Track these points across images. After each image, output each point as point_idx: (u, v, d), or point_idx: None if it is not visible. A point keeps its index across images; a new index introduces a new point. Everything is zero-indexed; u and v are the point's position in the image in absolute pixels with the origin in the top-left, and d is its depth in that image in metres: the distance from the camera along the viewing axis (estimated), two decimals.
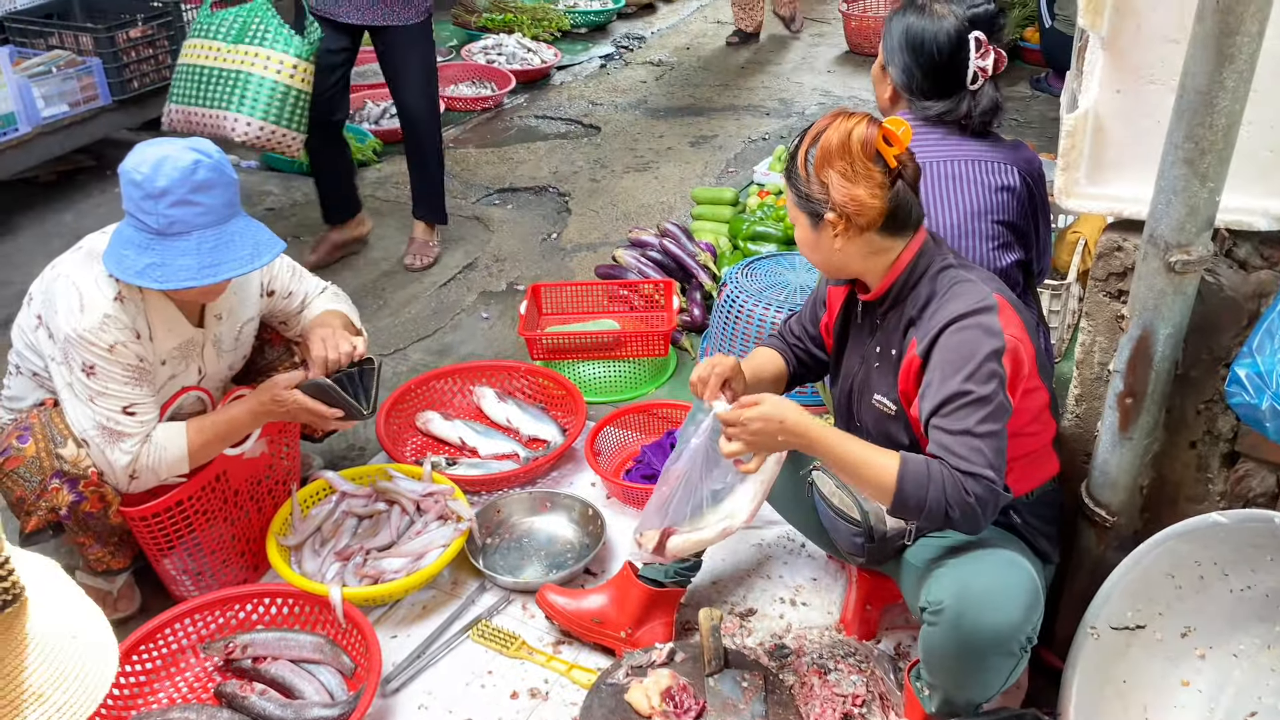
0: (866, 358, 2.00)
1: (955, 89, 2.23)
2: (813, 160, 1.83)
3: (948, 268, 1.87)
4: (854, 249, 1.86)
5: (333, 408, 2.24)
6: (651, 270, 3.65)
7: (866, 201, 1.80)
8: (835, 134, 1.81)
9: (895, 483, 1.74)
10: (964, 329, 1.78)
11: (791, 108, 5.63)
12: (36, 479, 2.13)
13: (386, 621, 2.37)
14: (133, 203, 2.01)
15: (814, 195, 1.83)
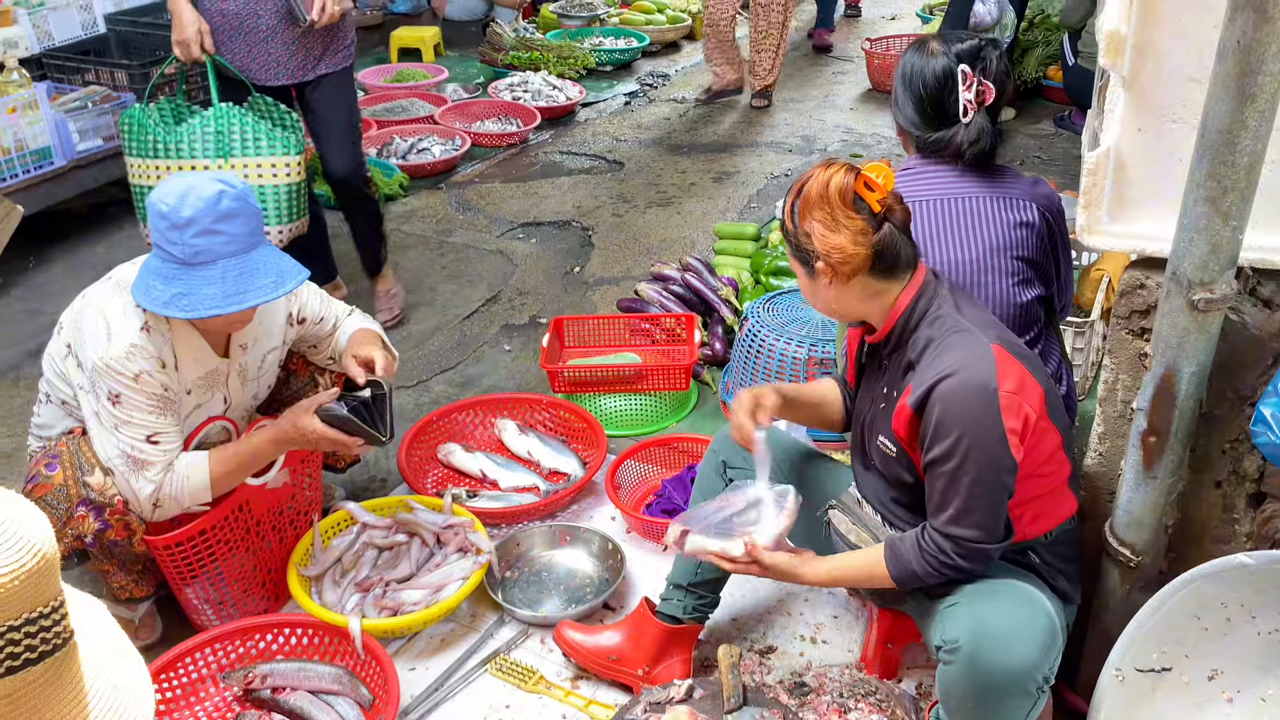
0: (875, 399, 2.01)
1: (947, 122, 2.26)
2: (796, 211, 1.87)
3: (946, 312, 1.87)
4: (849, 294, 1.89)
5: (352, 436, 2.25)
6: (673, 304, 3.66)
7: (849, 249, 1.82)
8: (815, 185, 1.84)
9: (889, 574, 1.90)
10: (957, 388, 1.77)
11: (814, 145, 5.66)
12: (63, 506, 2.15)
13: (405, 653, 2.37)
14: (159, 233, 2.05)
15: (802, 245, 1.87)
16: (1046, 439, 1.85)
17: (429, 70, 6.47)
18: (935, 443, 1.79)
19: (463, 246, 4.47)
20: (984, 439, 1.75)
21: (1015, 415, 1.77)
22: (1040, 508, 1.91)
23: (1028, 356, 1.87)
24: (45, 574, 0.92)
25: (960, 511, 1.79)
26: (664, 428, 3.22)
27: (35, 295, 3.95)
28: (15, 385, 3.42)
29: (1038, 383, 1.83)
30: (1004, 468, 1.77)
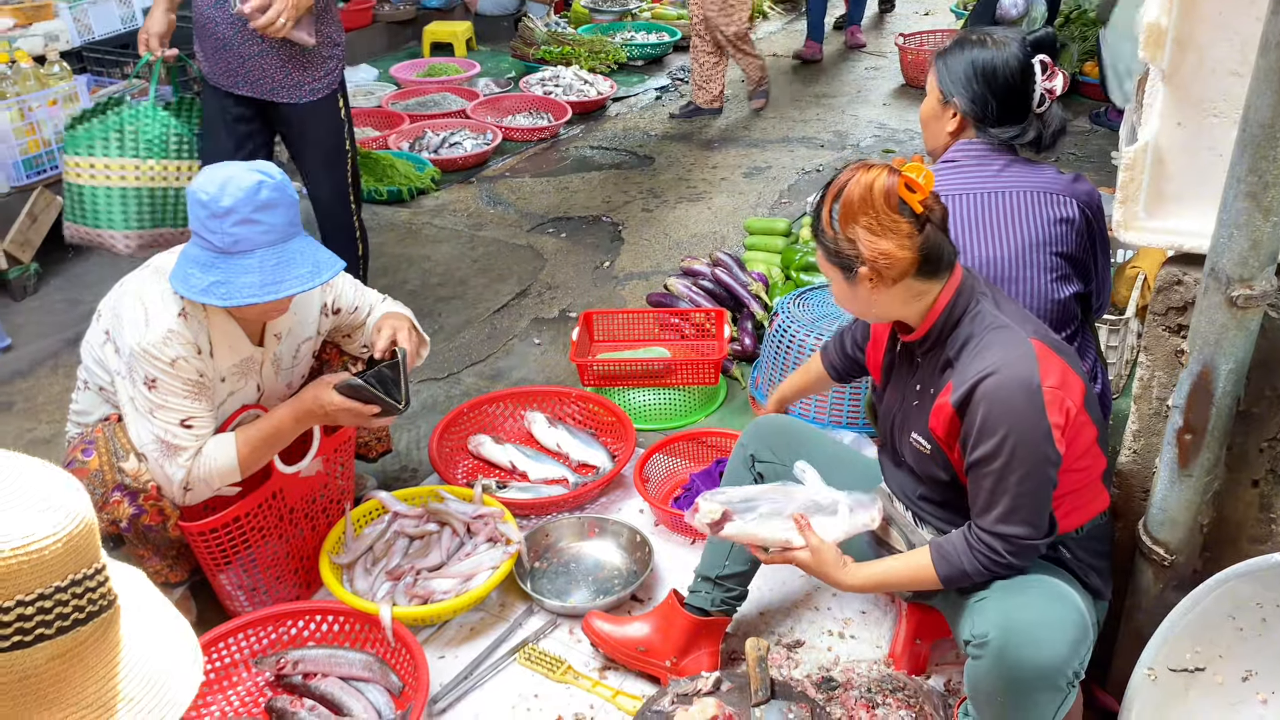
0: (906, 395, 2.00)
1: (1024, 113, 2.24)
2: (837, 217, 1.82)
3: (985, 309, 1.86)
4: (891, 297, 1.86)
5: (368, 404, 2.26)
6: (703, 299, 3.66)
7: (896, 254, 1.79)
8: (856, 188, 1.79)
9: (936, 575, 1.87)
10: (1001, 385, 1.76)
11: (846, 140, 5.63)
12: (99, 492, 2.18)
13: (435, 641, 2.39)
14: (199, 222, 2.07)
15: (843, 251, 1.83)
16: (1084, 433, 1.84)
17: (461, 65, 6.51)
18: (980, 442, 1.77)
19: (493, 240, 4.50)
20: (1030, 436, 1.74)
21: (1058, 410, 1.76)
22: (1074, 502, 1.89)
23: (1066, 351, 1.86)
24: (86, 537, 0.97)
25: (1009, 510, 1.78)
26: (692, 422, 3.22)
27: (74, 285, 4.01)
28: (54, 373, 3.48)
29: (1078, 376, 1.82)
30: (1050, 462, 1.76)
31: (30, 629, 0.93)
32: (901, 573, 1.93)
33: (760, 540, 1.95)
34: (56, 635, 0.94)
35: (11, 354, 3.58)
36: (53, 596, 0.93)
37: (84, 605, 0.96)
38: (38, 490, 0.96)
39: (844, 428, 3.01)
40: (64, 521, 0.94)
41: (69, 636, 0.96)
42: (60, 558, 0.93)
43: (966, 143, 2.29)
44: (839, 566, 1.93)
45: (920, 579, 1.90)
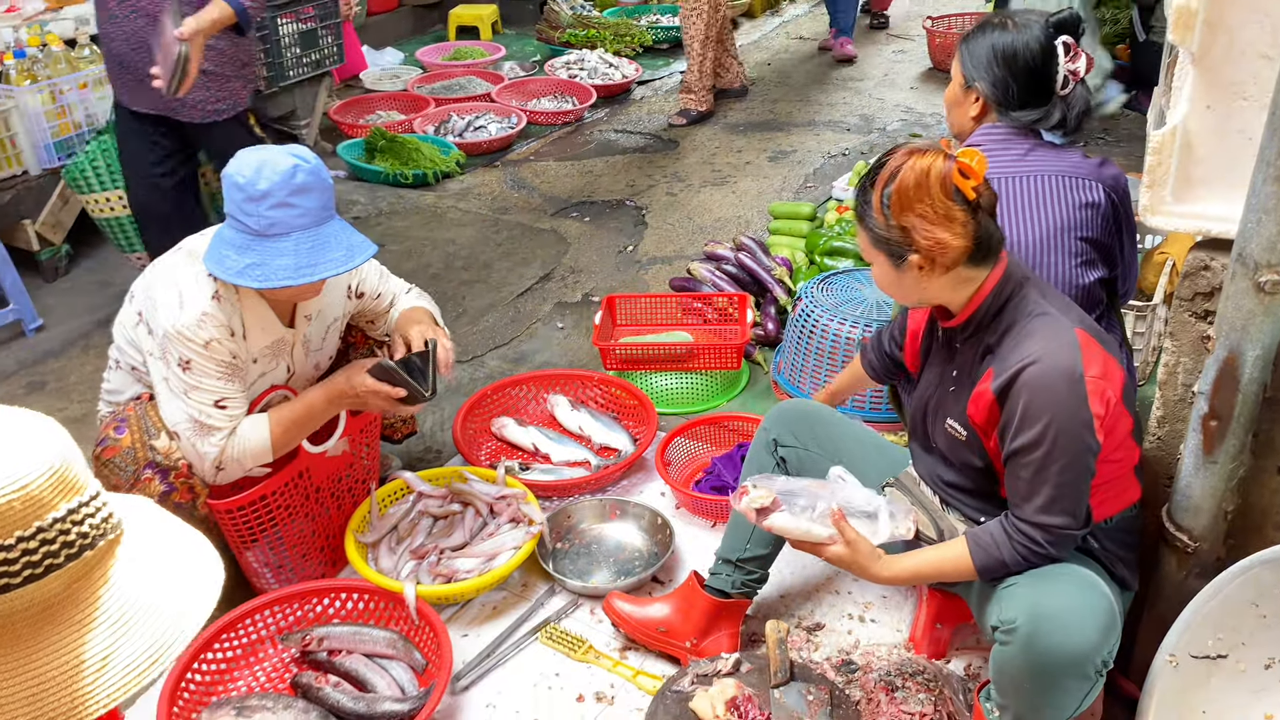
0: (943, 380, 1.99)
1: (1047, 96, 2.23)
2: (889, 204, 1.78)
3: (1028, 296, 1.84)
4: (940, 284, 1.84)
5: (395, 388, 2.29)
6: (726, 284, 3.66)
7: (951, 243, 1.77)
8: (912, 174, 1.76)
9: (973, 565, 1.86)
10: (1044, 374, 1.74)
11: (873, 124, 5.60)
12: (131, 469, 2.22)
13: (458, 620, 2.42)
14: (234, 205, 2.10)
15: (894, 239, 1.80)
16: (1121, 423, 1.83)
17: (486, 48, 6.52)
18: (1022, 431, 1.76)
19: (517, 224, 4.51)
20: (1071, 425, 1.73)
21: (1100, 400, 1.75)
22: (1107, 494, 1.88)
23: (1108, 340, 1.84)
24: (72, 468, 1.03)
25: (1050, 500, 1.77)
26: (714, 406, 3.22)
27: (104, 267, 4.07)
28: (86, 353, 3.53)
29: (1119, 366, 1.81)
30: (1090, 452, 1.76)
31: (38, 561, 0.98)
32: (937, 564, 1.91)
33: (800, 534, 1.92)
34: (66, 563, 1.00)
35: (43, 334, 3.63)
36: (52, 527, 0.99)
37: (87, 531, 1.02)
38: (15, 432, 1.01)
39: (865, 413, 3.01)
40: (45, 456, 1.00)
41: (79, 562, 1.01)
42: (50, 490, 0.99)
43: (990, 127, 2.28)
44: (874, 560, 1.90)
45: (956, 570, 1.88)
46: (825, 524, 1.90)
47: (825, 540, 1.90)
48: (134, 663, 1.01)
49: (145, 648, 1.03)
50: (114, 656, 1.01)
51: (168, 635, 1.05)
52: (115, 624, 1.02)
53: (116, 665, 1.01)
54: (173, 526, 1.18)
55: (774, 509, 1.93)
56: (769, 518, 1.93)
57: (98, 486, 1.06)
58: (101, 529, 1.04)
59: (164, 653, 1.03)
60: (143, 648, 1.03)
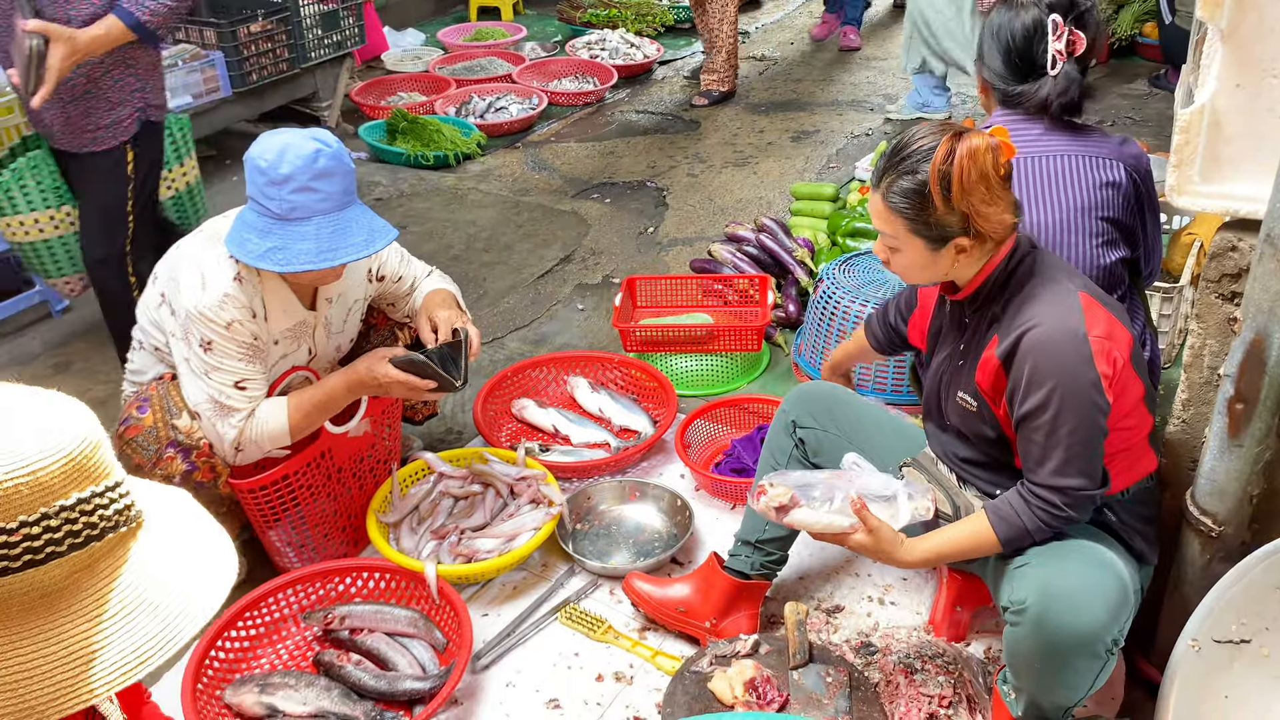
0: (953, 355, 1.99)
1: (1034, 74, 2.21)
2: (950, 189, 1.75)
3: (1033, 264, 1.85)
4: (970, 261, 1.85)
5: (425, 380, 2.30)
6: (747, 265, 3.65)
7: (1006, 219, 1.80)
8: (968, 160, 1.74)
9: (995, 537, 1.84)
10: (1047, 337, 1.74)
11: (896, 102, 5.54)
12: (153, 448, 2.24)
13: (478, 600, 2.43)
14: (256, 188, 2.10)
15: (948, 224, 1.79)
16: (1131, 389, 1.82)
17: (507, 29, 6.50)
18: (1029, 394, 1.76)
19: (537, 206, 4.51)
20: (1078, 386, 1.73)
21: (1106, 359, 1.74)
22: (1121, 463, 1.87)
23: (1114, 305, 1.84)
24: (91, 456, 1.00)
25: (1064, 461, 1.76)
26: (735, 389, 3.22)
27: None
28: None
29: (1126, 330, 1.80)
30: (1100, 411, 1.75)
31: (40, 547, 0.96)
32: (960, 541, 1.90)
33: (822, 527, 1.92)
34: (69, 552, 0.98)
35: (69, 316, 3.67)
36: (58, 515, 0.97)
37: (96, 522, 1.00)
38: (35, 415, 0.99)
39: (887, 395, 2.99)
40: (63, 442, 0.98)
41: (84, 552, 0.99)
42: (62, 478, 0.97)
43: (999, 112, 2.29)
44: (897, 545, 1.90)
45: (980, 545, 1.87)
46: (846, 514, 1.89)
47: (848, 530, 1.89)
48: (122, 661, 0.99)
49: (136, 647, 1.00)
50: (104, 652, 0.99)
51: (161, 637, 1.02)
52: (113, 618, 1.00)
53: (105, 661, 0.98)
54: (199, 524, 1.15)
55: (793, 506, 1.93)
56: (789, 515, 1.92)
57: (120, 477, 1.04)
58: (114, 520, 1.02)
59: (154, 654, 1.00)
60: (133, 647, 1.00)
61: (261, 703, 2.09)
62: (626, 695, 2.18)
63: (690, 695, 2.09)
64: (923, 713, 2.06)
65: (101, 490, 1.00)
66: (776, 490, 1.93)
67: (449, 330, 2.37)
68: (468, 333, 2.36)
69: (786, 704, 2.05)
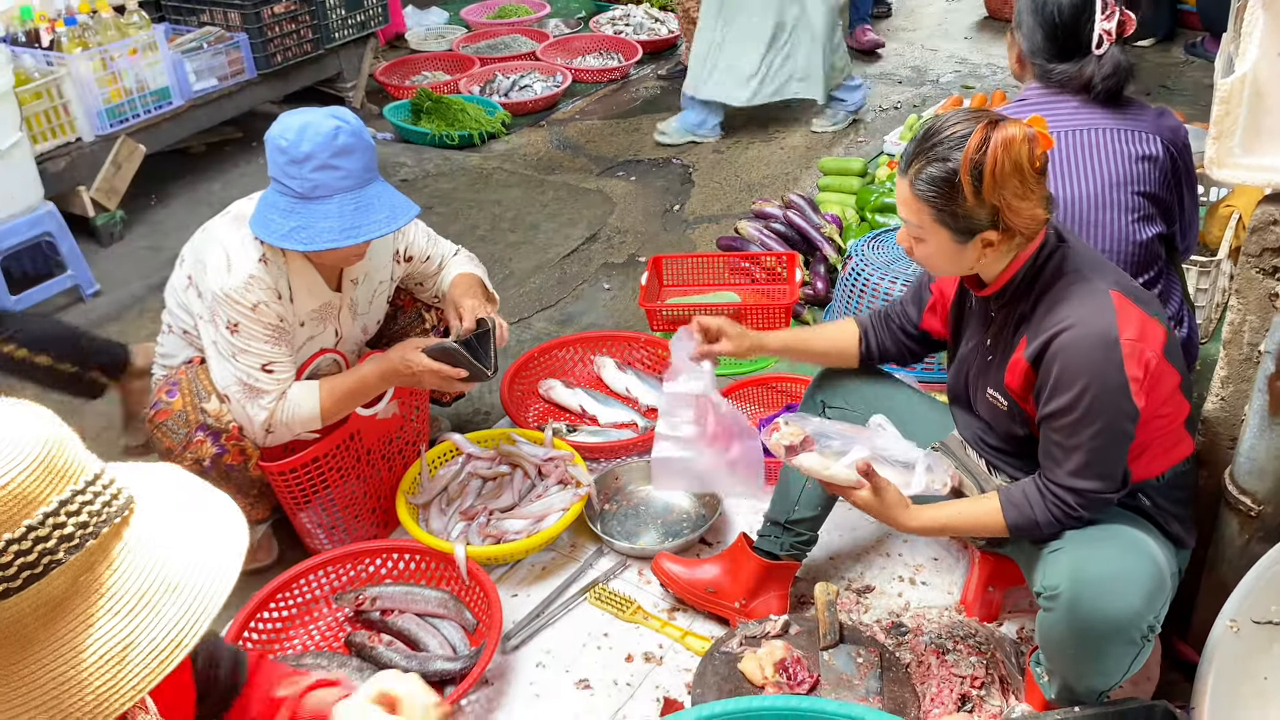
0: (980, 349, 1.95)
1: (1078, 53, 2.14)
2: (980, 183, 1.69)
3: (1063, 260, 1.80)
4: (998, 256, 1.80)
5: (456, 368, 2.30)
6: (774, 242, 3.61)
7: (1038, 215, 1.74)
8: (1002, 151, 1.68)
9: (1003, 522, 1.84)
10: (1078, 339, 1.71)
11: (925, 76, 5.46)
12: (183, 431, 2.26)
13: (507, 580, 2.44)
14: (278, 168, 2.10)
15: (977, 217, 1.73)
16: (1165, 380, 1.79)
17: (531, 5, 6.45)
18: (1056, 395, 1.73)
19: (563, 184, 4.48)
20: (1107, 390, 1.69)
21: (1137, 363, 1.70)
22: (1157, 449, 1.84)
23: (1145, 300, 1.79)
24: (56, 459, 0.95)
25: (1083, 464, 1.74)
26: (762, 367, 3.19)
27: (156, 232, 4.12)
28: (140, 317, 3.59)
29: (1158, 325, 1.76)
30: (1126, 416, 1.72)
31: (35, 561, 0.92)
32: (967, 517, 1.89)
33: (829, 475, 1.90)
34: (67, 557, 0.94)
35: (100, 299, 3.70)
36: (44, 523, 0.92)
37: (86, 520, 0.95)
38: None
39: (919, 374, 2.96)
40: (26, 449, 0.93)
41: (83, 553, 0.95)
42: (35, 484, 0.92)
43: (1032, 84, 2.23)
44: (902, 508, 1.89)
45: (986, 525, 1.87)
46: (854, 468, 1.87)
47: (854, 485, 1.88)
48: (157, 647, 0.96)
49: (167, 630, 0.97)
50: (135, 645, 0.95)
51: (190, 614, 0.99)
52: (131, 611, 0.96)
53: (139, 653, 0.95)
54: (194, 492, 1.11)
55: (804, 448, 1.91)
56: (797, 457, 1.91)
57: (99, 469, 1.00)
58: (103, 514, 0.97)
59: (187, 633, 0.97)
60: (164, 630, 0.97)
61: None
62: (656, 675, 2.18)
63: (720, 675, 2.09)
64: (955, 693, 2.05)
65: (82, 487, 0.96)
66: (790, 429, 1.92)
67: (473, 319, 2.36)
68: (495, 321, 2.35)
69: (817, 685, 2.04)
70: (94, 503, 0.97)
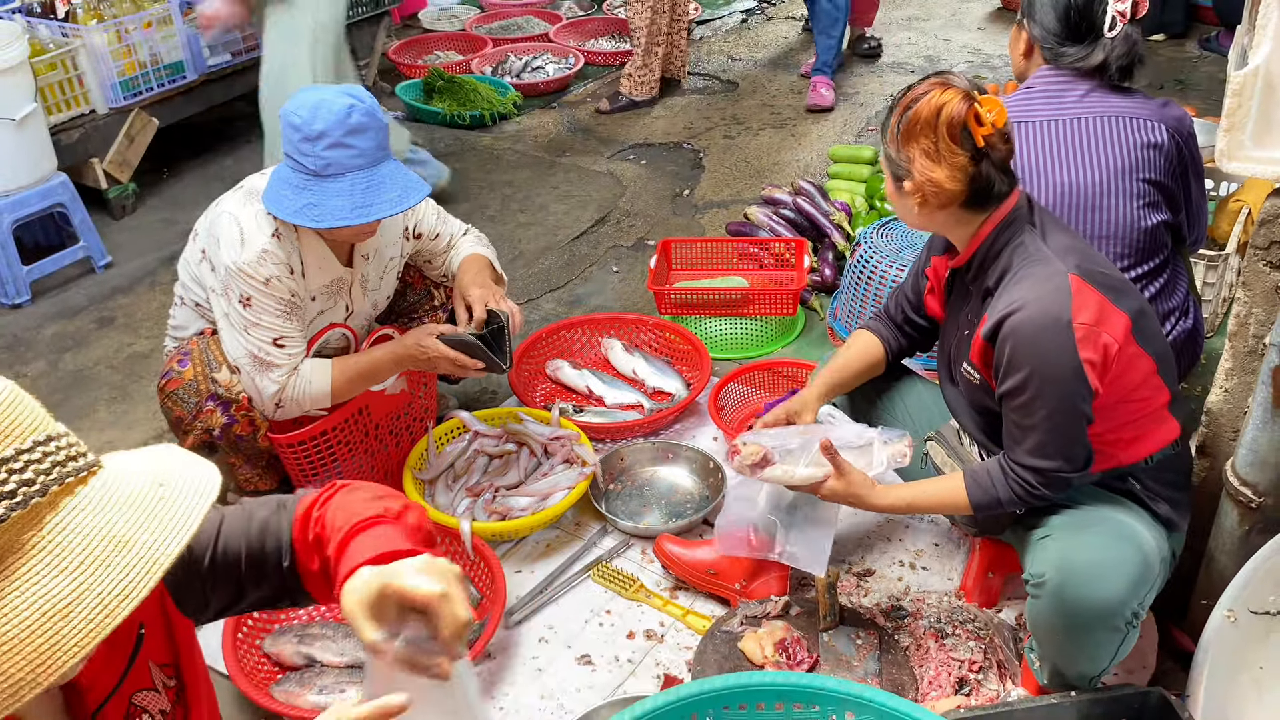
0: (959, 324, 1.99)
1: (1091, 35, 2.16)
2: (901, 130, 1.80)
3: (1028, 240, 1.82)
4: (934, 219, 1.86)
5: (473, 359, 2.32)
6: (783, 229, 3.62)
7: (945, 185, 1.78)
8: (925, 109, 1.76)
9: (967, 500, 1.88)
10: (1027, 320, 1.73)
11: (938, 65, 5.45)
12: (193, 401, 2.28)
13: (512, 556, 2.46)
14: (291, 145, 2.11)
15: (896, 162, 1.83)
16: (1136, 365, 1.80)
17: None
18: (1008, 376, 1.78)
19: (573, 166, 4.49)
20: (1057, 373, 1.72)
21: (1092, 347, 1.73)
22: (1136, 432, 1.87)
23: (1112, 285, 1.80)
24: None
25: (1038, 444, 1.78)
26: (769, 352, 3.21)
27: (169, 205, 4.14)
28: (152, 290, 3.61)
29: (1119, 310, 1.77)
30: (1080, 398, 1.74)
31: None
32: (933, 496, 1.95)
33: (796, 481, 1.99)
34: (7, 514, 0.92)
35: (112, 271, 3.72)
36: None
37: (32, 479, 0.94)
38: None
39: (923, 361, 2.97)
40: None
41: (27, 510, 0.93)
42: None
43: (1047, 69, 2.23)
44: (869, 488, 1.96)
45: (950, 503, 1.92)
46: (821, 464, 1.95)
47: (819, 481, 1.95)
48: (103, 602, 0.93)
49: (114, 586, 0.94)
50: (80, 600, 0.92)
51: (139, 569, 0.95)
52: (79, 568, 0.93)
53: (83, 608, 0.92)
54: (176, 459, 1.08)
55: (766, 464, 1.98)
56: (764, 471, 1.99)
57: (54, 431, 0.98)
58: (54, 474, 0.95)
59: (136, 587, 0.94)
60: (111, 586, 0.94)
61: (300, 652, 2.14)
62: (657, 653, 2.20)
63: (720, 654, 2.11)
64: (952, 677, 2.07)
65: (29, 446, 0.95)
66: (749, 449, 1.99)
67: (483, 309, 2.37)
68: (508, 315, 2.37)
69: (816, 665, 2.06)
70: (43, 462, 0.95)
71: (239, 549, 1.33)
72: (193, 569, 1.31)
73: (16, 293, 3.50)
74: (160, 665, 1.25)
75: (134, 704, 1.20)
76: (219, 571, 1.32)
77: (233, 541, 1.33)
